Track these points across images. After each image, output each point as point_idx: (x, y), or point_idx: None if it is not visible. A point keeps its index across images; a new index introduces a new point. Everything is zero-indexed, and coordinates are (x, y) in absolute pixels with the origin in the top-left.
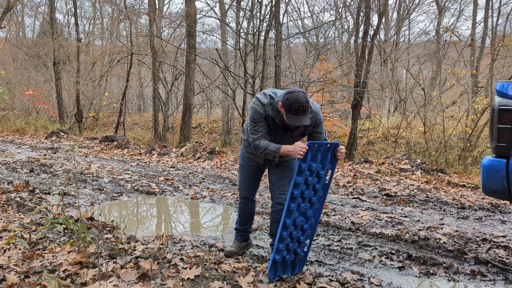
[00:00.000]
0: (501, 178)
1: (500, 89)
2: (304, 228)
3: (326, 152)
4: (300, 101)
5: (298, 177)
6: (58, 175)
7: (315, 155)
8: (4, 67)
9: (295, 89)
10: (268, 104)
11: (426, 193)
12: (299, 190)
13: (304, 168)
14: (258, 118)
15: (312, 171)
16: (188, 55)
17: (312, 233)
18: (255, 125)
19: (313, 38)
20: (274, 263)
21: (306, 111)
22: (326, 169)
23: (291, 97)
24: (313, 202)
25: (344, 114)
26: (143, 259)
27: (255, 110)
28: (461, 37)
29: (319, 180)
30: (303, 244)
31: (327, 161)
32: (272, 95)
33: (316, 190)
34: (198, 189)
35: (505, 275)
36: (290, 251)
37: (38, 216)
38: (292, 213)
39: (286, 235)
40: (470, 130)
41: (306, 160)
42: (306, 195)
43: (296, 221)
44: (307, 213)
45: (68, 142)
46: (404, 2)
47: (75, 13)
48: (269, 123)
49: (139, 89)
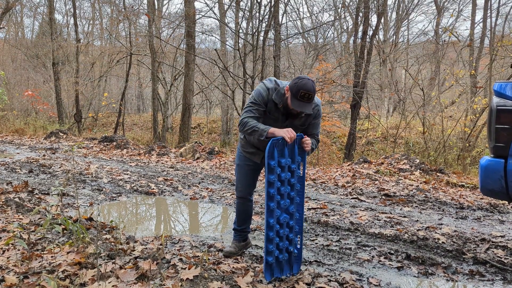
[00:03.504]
0: (499, 178)
1: (498, 89)
2: (290, 224)
3: (293, 146)
4: (307, 88)
5: (270, 175)
6: (57, 175)
7: (282, 151)
8: (3, 67)
9: (305, 76)
10: (273, 89)
11: (425, 193)
12: (274, 188)
13: (274, 165)
14: (259, 101)
15: (282, 166)
16: (187, 56)
17: (300, 228)
18: (252, 106)
19: (312, 39)
20: (267, 264)
21: (311, 100)
22: (297, 162)
23: (300, 82)
24: (293, 197)
25: (343, 114)
26: (142, 259)
27: (259, 92)
28: (460, 37)
29: (293, 174)
30: (294, 241)
31: (295, 154)
32: (278, 81)
33: (292, 185)
34: (197, 189)
35: (504, 275)
36: (282, 250)
37: (37, 216)
38: (274, 212)
39: (273, 235)
40: (469, 130)
41: (274, 158)
42: (283, 191)
43: (280, 219)
44: (290, 209)
45: (67, 142)
46: (403, 3)
47: (74, 13)
48: (270, 109)
49: (138, 90)
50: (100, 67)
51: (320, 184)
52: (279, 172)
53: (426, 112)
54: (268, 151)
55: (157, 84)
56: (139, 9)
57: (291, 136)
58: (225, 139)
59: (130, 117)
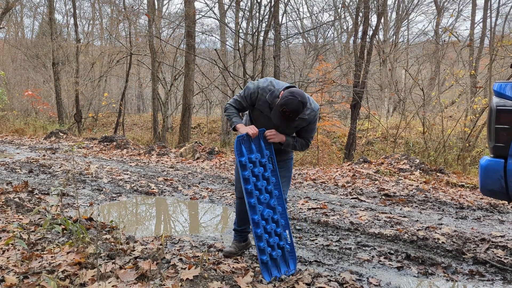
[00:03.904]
0: (499, 178)
1: (498, 89)
2: (275, 219)
3: (258, 141)
4: (291, 108)
5: (243, 172)
6: (57, 175)
7: (249, 147)
8: (3, 67)
9: (298, 95)
10: (265, 89)
11: (425, 193)
12: (251, 183)
13: (245, 161)
14: (245, 97)
15: (253, 162)
16: (187, 56)
17: (286, 222)
18: (237, 99)
19: (312, 39)
20: (263, 263)
21: (290, 120)
22: (266, 156)
23: (288, 99)
24: (270, 191)
25: (343, 114)
26: (142, 259)
27: (248, 88)
28: (460, 37)
29: (265, 168)
30: (283, 235)
31: (262, 148)
32: (274, 82)
33: (267, 179)
34: (197, 189)
35: (503, 275)
36: (273, 246)
37: (37, 216)
38: (256, 208)
39: (261, 231)
40: (469, 130)
41: (243, 154)
42: (260, 186)
43: (264, 215)
44: (271, 204)
45: (67, 142)
46: (403, 3)
47: (74, 13)
48: (263, 108)
49: (138, 90)
50: (100, 67)
51: (320, 184)
52: (251, 168)
53: (426, 112)
54: (236, 148)
55: (157, 84)
56: (139, 9)
57: (253, 132)
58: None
59: (130, 117)
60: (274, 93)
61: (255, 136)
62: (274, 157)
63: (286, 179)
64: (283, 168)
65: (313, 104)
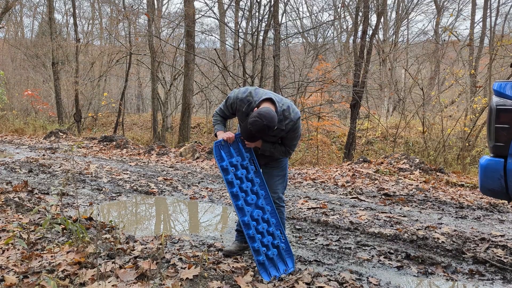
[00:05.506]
0: (499, 178)
1: (497, 89)
2: (266, 218)
3: (237, 145)
4: (255, 129)
5: (226, 176)
6: (57, 175)
7: (229, 152)
8: (3, 67)
9: (265, 118)
10: (244, 100)
11: (424, 193)
12: (235, 186)
13: (226, 165)
14: (228, 105)
15: (235, 165)
16: (187, 55)
17: (277, 221)
18: (222, 108)
19: (312, 38)
20: (260, 264)
21: (252, 139)
22: (246, 158)
23: (254, 120)
24: (256, 191)
25: (343, 114)
26: (142, 259)
27: (229, 97)
28: (460, 36)
29: (248, 170)
30: (276, 234)
31: (242, 151)
32: (253, 93)
33: (251, 180)
34: (197, 189)
35: (503, 274)
36: (268, 246)
37: (36, 216)
38: (244, 210)
39: (252, 232)
40: (469, 129)
41: (223, 159)
42: (245, 187)
43: (254, 215)
44: (259, 204)
45: (67, 142)
46: (402, 2)
47: (74, 13)
48: (241, 118)
49: (138, 89)
50: (100, 66)
51: (319, 183)
52: (234, 171)
53: (425, 111)
54: (215, 154)
55: (156, 84)
56: (138, 8)
57: (229, 137)
58: None
59: (129, 117)
60: (251, 105)
61: (232, 140)
62: (255, 158)
63: (281, 178)
64: (275, 168)
65: (292, 113)
